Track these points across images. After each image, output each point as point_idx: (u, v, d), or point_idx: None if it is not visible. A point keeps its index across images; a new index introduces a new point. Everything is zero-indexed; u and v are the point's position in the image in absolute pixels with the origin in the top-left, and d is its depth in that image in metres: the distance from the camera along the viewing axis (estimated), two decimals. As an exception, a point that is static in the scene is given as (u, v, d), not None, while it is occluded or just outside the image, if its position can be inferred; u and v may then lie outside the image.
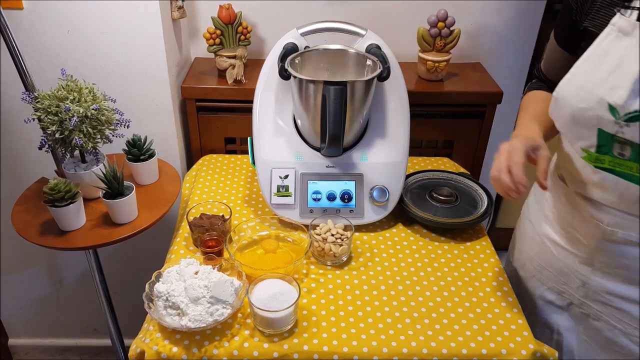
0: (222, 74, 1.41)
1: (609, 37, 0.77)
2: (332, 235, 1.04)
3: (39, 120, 1.03)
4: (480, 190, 1.20)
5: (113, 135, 1.11)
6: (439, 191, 1.18)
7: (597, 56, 0.79)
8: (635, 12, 0.75)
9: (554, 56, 0.97)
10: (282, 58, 1.08)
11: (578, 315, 0.97)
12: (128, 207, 1.09)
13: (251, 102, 1.16)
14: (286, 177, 1.12)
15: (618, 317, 0.90)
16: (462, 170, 1.36)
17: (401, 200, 1.15)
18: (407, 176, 1.21)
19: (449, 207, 1.15)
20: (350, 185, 1.12)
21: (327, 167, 1.13)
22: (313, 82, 1.03)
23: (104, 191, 1.07)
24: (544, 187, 0.80)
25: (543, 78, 1.03)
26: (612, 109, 0.75)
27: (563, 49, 0.94)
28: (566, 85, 0.83)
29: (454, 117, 1.46)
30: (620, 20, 0.76)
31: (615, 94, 0.74)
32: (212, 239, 1.03)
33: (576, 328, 0.98)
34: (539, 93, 1.00)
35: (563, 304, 0.99)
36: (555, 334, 1.02)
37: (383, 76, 1.06)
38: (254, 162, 1.15)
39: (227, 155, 1.41)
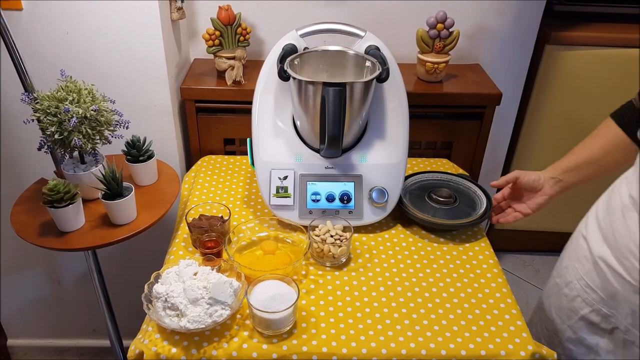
0: (221, 75, 1.41)
1: None
2: (331, 236, 1.04)
3: (38, 121, 1.03)
4: (479, 192, 1.20)
5: (112, 136, 1.11)
6: (438, 192, 1.18)
7: None
8: None
9: None
10: (282, 59, 1.08)
11: (621, 340, 0.93)
12: (127, 208, 1.09)
13: (250, 103, 1.16)
14: (285, 178, 1.12)
15: None
16: (460, 171, 1.36)
17: (400, 202, 1.15)
18: (406, 177, 1.21)
19: (448, 208, 1.15)
20: (349, 187, 1.12)
21: (326, 168, 1.13)
22: (312, 83, 1.03)
23: (103, 192, 1.06)
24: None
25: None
26: None
27: None
28: None
29: (453, 118, 1.46)
30: None
31: None
32: (211, 240, 1.03)
33: (617, 351, 0.94)
34: (612, 131, 0.97)
35: (607, 327, 0.94)
36: (593, 354, 0.98)
37: (382, 77, 1.06)
38: (253, 163, 1.15)
39: (226, 156, 1.41)
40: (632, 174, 0.88)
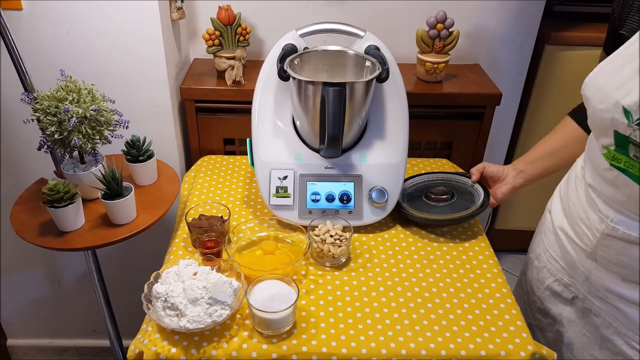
0: (221, 75, 1.41)
1: (636, 42, 0.77)
2: (331, 236, 1.04)
3: (38, 120, 1.03)
4: (478, 187, 1.20)
5: (112, 136, 1.11)
6: (433, 190, 1.18)
7: (621, 59, 0.79)
8: None
9: None
10: (281, 59, 1.08)
11: (581, 309, 0.98)
12: (127, 208, 1.09)
13: (250, 103, 1.16)
14: (285, 178, 1.12)
15: (615, 315, 0.91)
16: (460, 171, 1.36)
17: (398, 204, 1.15)
18: (406, 179, 1.21)
19: (445, 205, 1.15)
20: (349, 187, 1.12)
21: (326, 168, 1.13)
22: (312, 83, 1.03)
23: (102, 192, 1.07)
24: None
25: None
26: (627, 112, 0.75)
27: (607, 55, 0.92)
28: (589, 84, 0.84)
29: (452, 118, 1.46)
30: None
31: (630, 98, 0.75)
32: (210, 239, 1.03)
33: (578, 322, 1.00)
34: (569, 126, 1.06)
35: (568, 296, 1.01)
36: (558, 325, 1.04)
37: (382, 77, 1.06)
38: (252, 163, 1.15)
39: (226, 156, 1.41)
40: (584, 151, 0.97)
